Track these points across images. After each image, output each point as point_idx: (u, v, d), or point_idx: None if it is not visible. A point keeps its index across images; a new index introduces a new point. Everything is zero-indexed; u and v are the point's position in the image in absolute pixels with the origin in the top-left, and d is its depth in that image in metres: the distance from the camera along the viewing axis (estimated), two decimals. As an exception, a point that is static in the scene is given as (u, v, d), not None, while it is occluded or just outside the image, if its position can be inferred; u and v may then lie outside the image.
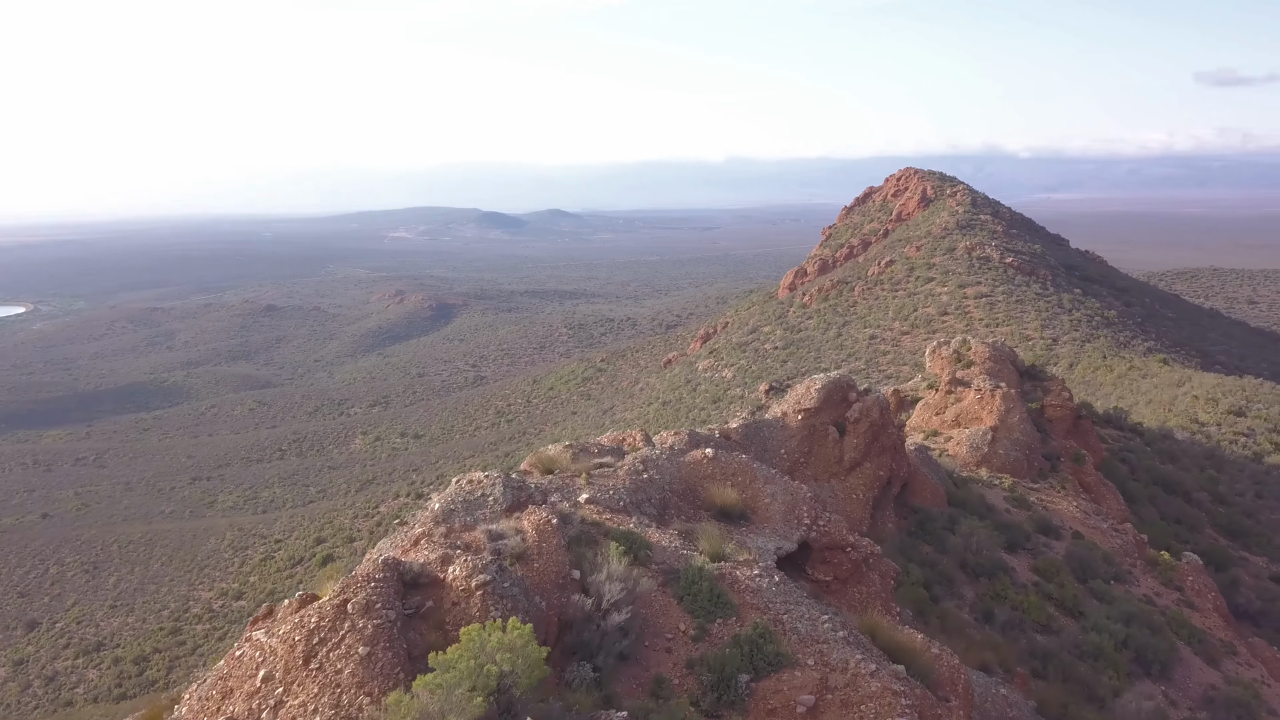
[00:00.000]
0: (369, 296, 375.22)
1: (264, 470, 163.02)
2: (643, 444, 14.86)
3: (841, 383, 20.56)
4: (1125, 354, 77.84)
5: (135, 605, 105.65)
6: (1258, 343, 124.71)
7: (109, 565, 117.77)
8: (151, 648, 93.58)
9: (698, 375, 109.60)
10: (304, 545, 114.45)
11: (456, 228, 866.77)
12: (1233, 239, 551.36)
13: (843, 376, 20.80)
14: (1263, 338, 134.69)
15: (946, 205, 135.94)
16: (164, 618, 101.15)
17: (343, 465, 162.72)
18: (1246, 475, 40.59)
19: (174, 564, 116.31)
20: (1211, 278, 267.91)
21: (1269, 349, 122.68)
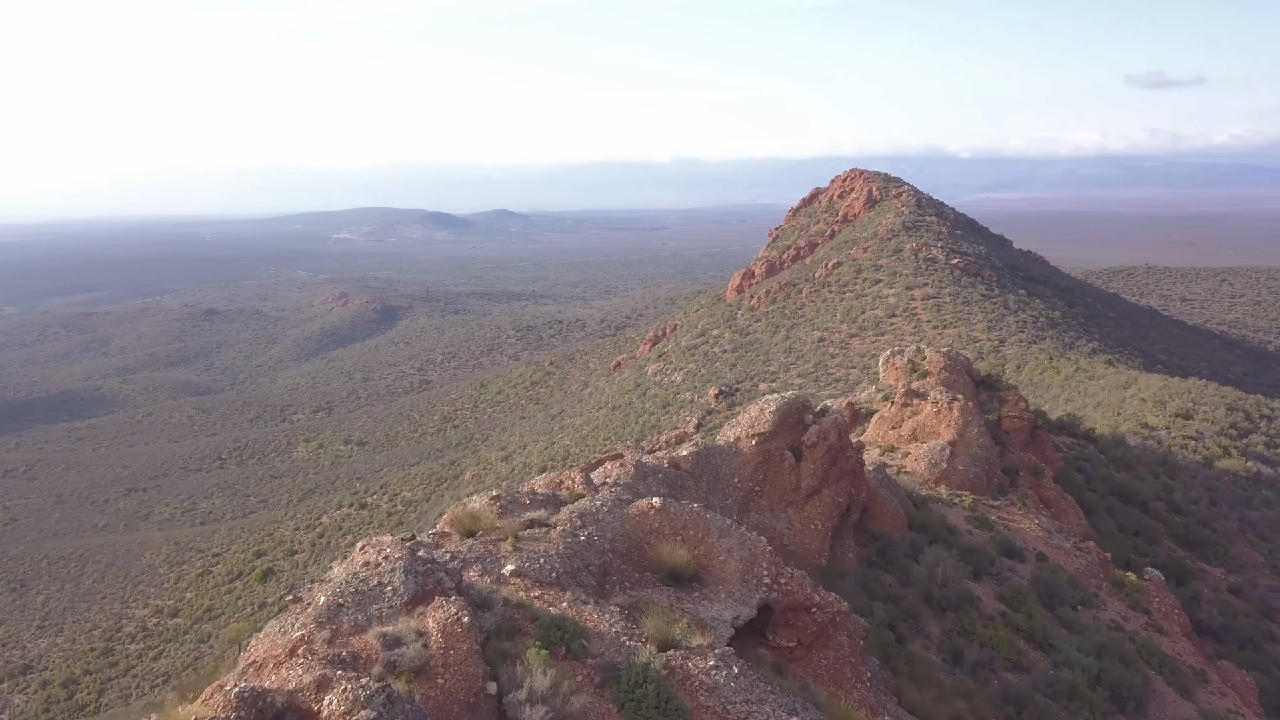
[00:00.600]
0: (313, 299, 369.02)
1: (203, 480, 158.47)
2: (582, 486, 13.37)
3: (797, 404, 19.31)
4: (1071, 355, 78.27)
5: (65, 625, 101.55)
6: (1194, 340, 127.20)
7: (37, 583, 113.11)
8: (82, 669, 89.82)
9: (647, 379, 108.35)
10: (243, 559, 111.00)
11: (402, 229, 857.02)
12: (1164, 237, 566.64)
13: (798, 397, 19.55)
14: (1199, 335, 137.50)
15: (892, 206, 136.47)
16: (95, 638, 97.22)
17: (284, 474, 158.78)
18: (1199, 481, 40.42)
19: (106, 580, 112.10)
20: (1146, 275, 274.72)
21: (1205, 346, 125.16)
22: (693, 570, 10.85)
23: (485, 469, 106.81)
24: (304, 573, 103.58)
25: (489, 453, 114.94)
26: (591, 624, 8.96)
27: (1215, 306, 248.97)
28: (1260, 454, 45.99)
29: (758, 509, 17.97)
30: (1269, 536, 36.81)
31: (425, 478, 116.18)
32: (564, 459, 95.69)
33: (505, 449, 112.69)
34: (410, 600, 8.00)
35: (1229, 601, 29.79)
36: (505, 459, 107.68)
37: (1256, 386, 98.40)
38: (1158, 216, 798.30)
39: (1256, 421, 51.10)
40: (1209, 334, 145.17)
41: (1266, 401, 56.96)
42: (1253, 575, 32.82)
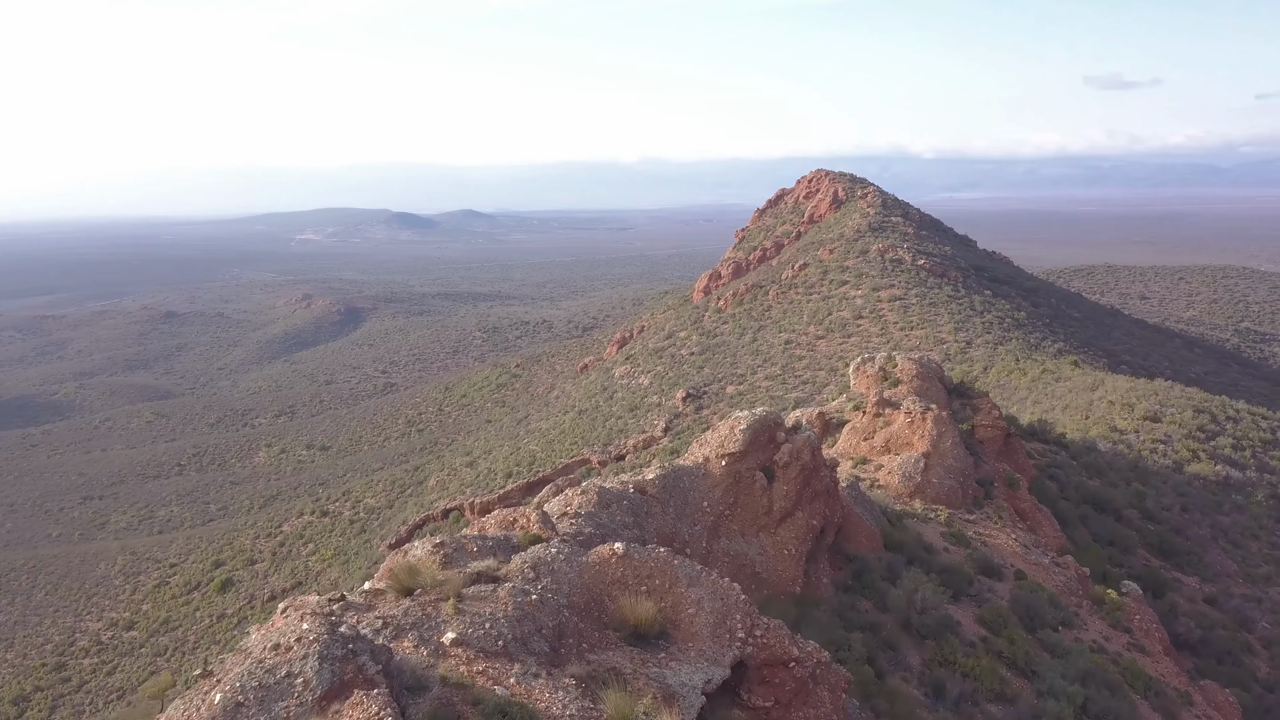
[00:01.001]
0: (275, 301, 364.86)
1: (161, 487, 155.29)
2: (538, 525, 12.27)
3: (768, 421, 18.36)
4: (1037, 356, 78.26)
5: (15, 640, 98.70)
6: (1156, 340, 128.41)
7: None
8: (33, 686, 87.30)
9: (614, 382, 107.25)
10: (201, 569, 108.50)
11: (366, 229, 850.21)
12: (1123, 236, 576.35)
13: (769, 414, 18.61)
14: (1160, 334, 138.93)
15: (858, 207, 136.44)
16: (47, 652, 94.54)
17: (245, 480, 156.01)
18: (1170, 487, 40.13)
19: (60, 593, 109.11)
20: (1106, 274, 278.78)
21: (1166, 345, 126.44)
22: (659, 626, 9.81)
23: (450, 475, 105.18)
24: (264, 583, 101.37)
25: (454, 458, 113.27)
26: (543, 704, 7.82)
27: (1173, 304, 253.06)
28: (1228, 457, 45.88)
29: (728, 534, 17.02)
30: (1241, 543, 36.55)
31: (389, 484, 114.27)
32: (530, 464, 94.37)
33: (470, 454, 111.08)
34: (324, 695, 6.83)
35: (1205, 613, 29.35)
36: (470, 464, 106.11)
37: (1218, 386, 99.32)
38: (1116, 216, 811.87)
39: (1223, 423, 51.07)
40: (1169, 332, 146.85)
41: (1231, 403, 57.06)
42: (1227, 584, 32.48)
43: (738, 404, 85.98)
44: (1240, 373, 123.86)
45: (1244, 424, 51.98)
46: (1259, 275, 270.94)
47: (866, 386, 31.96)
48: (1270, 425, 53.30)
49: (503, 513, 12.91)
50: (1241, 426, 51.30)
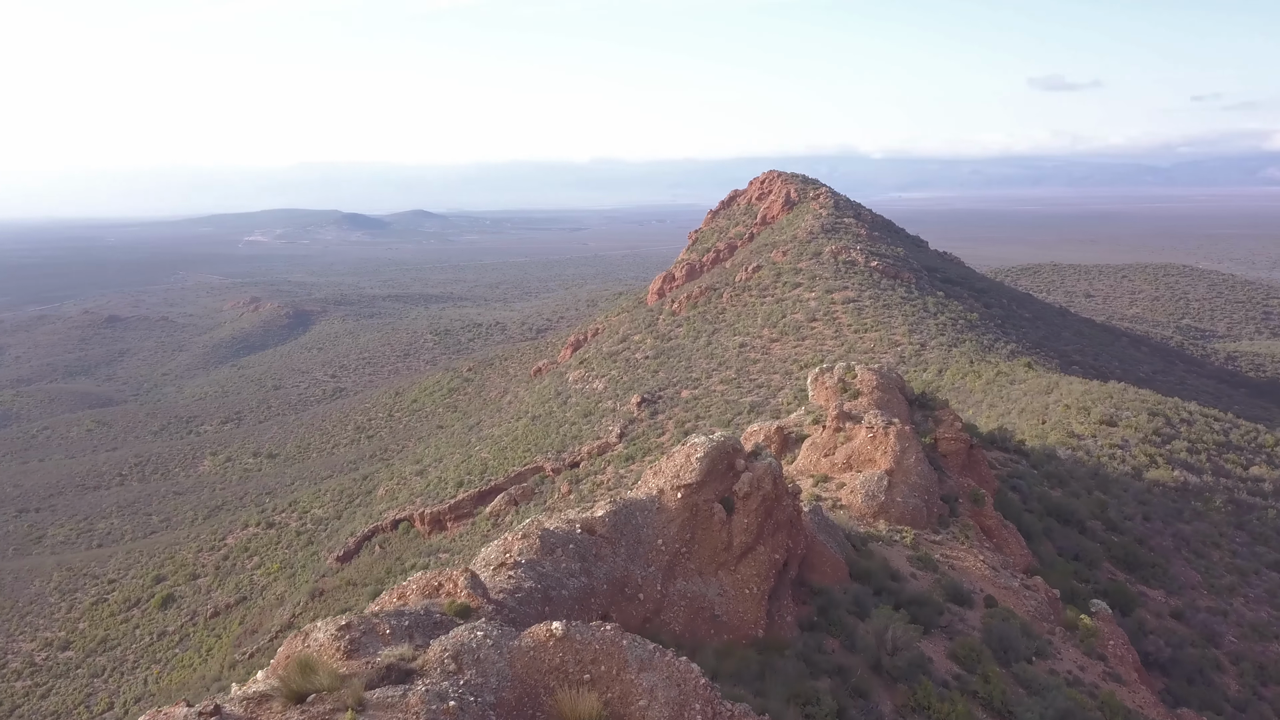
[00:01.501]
0: (222, 304, 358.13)
1: (101, 498, 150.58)
2: (467, 591, 10.71)
3: (727, 448, 17.04)
4: (991, 358, 78.20)
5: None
6: (1104, 339, 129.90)
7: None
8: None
9: (568, 387, 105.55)
10: (142, 585, 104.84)
11: (316, 230, 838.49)
12: (1065, 235, 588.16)
13: (727, 440, 17.29)
14: (1107, 333, 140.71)
15: (810, 208, 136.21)
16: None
17: (189, 490, 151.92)
18: (1131, 495, 39.69)
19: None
20: (1052, 273, 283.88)
21: (1114, 344, 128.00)
22: (606, 725, 8.47)
23: (399, 484, 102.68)
24: (207, 599, 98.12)
25: (403, 466, 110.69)
26: None
27: (1117, 302, 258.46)
28: (1184, 461, 45.71)
29: (685, 574, 15.67)
30: (1202, 552, 36.16)
31: (336, 493, 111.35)
32: (482, 472, 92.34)
33: (420, 462, 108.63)
34: None
35: (1173, 629, 28.72)
36: (420, 473, 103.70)
37: (1167, 385, 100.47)
38: (1059, 215, 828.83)
39: (1177, 426, 51.03)
40: (1116, 331, 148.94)
41: (1183, 405, 57.17)
42: (1192, 597, 31.96)
43: (693, 409, 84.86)
44: (1186, 370, 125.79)
45: (1198, 426, 51.98)
46: (1198, 273, 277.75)
47: (826, 399, 30.84)
48: (1223, 427, 53.42)
49: (426, 577, 11.38)
50: (1195, 429, 51.26)
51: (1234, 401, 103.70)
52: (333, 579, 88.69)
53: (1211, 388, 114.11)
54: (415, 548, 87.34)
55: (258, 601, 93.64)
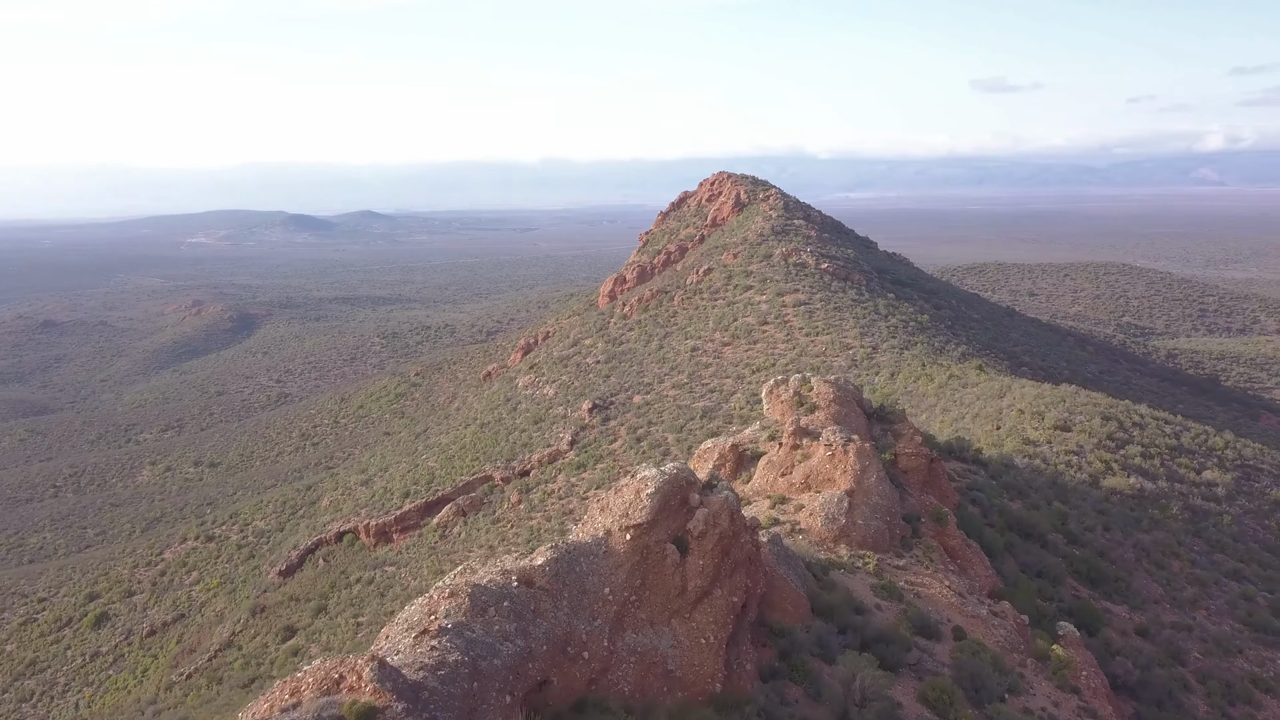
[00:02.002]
0: (164, 308, 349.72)
1: (33, 512, 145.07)
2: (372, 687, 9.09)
3: (679, 482, 15.62)
4: (943, 361, 77.96)
5: None
6: (1051, 339, 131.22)
7: None
8: (-123, 743, 79.40)
9: (518, 393, 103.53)
10: (74, 603, 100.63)
11: (261, 231, 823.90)
12: (1008, 234, 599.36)
13: (680, 473, 15.87)
14: (1053, 333, 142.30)
15: (760, 210, 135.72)
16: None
17: (127, 501, 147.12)
18: (1090, 504, 39.15)
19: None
20: (997, 272, 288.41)
21: (1060, 345, 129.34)
22: None
23: (344, 494, 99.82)
24: (143, 617, 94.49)
25: (348, 476, 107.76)
26: None
27: (1060, 300, 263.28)
28: (1139, 467, 45.43)
29: (635, 625, 14.23)
30: (1163, 563, 35.71)
31: (279, 504, 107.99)
32: (429, 482, 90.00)
33: (366, 471, 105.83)
34: None
35: (1139, 648, 28.02)
36: (365, 483, 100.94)
37: (1113, 385, 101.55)
38: (1002, 214, 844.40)
39: (1130, 430, 50.85)
40: (1062, 331, 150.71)
41: (1134, 408, 57.16)
42: (1156, 612, 31.36)
43: (645, 414, 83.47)
44: (1130, 369, 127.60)
45: (1150, 430, 51.88)
46: (1137, 271, 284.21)
47: (781, 413, 29.60)
48: (1174, 430, 53.42)
49: (324, 668, 9.75)
50: (1148, 433, 51.14)
51: (1178, 400, 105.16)
52: (274, 595, 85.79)
53: (1155, 386, 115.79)
54: (360, 561, 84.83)
55: (196, 619, 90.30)
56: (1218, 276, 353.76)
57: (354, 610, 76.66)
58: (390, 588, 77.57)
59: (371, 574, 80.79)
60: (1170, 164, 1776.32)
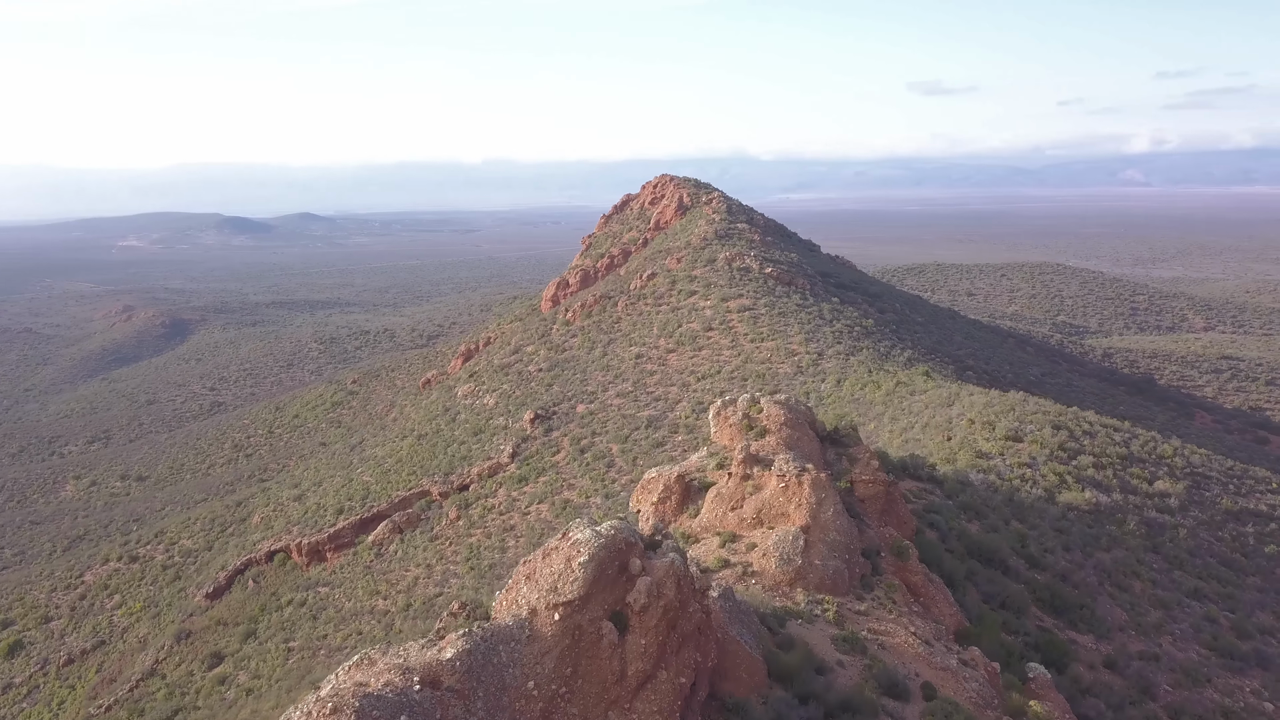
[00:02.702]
0: (93, 314, 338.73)
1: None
2: None
3: (617, 545, 13.46)
4: (889, 367, 76.97)
5: None
6: (992, 341, 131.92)
7: None
8: None
9: (457, 403, 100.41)
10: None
11: (195, 234, 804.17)
12: (945, 234, 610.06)
13: (618, 534, 13.70)
14: (995, 334, 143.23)
15: (703, 213, 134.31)
16: None
17: (49, 519, 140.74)
18: (1048, 523, 37.90)
19: None
20: (936, 272, 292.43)
21: (1002, 346, 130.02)
22: None
23: (275, 510, 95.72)
24: (60, 644, 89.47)
25: (280, 490, 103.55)
26: None
27: (997, 300, 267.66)
28: (1093, 479, 44.46)
29: (565, 719, 12.06)
30: (1125, 584, 34.56)
31: (207, 522, 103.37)
32: (363, 497, 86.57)
33: (299, 486, 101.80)
34: None
35: (1109, 684, 26.65)
36: (298, 498, 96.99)
37: (1056, 388, 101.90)
38: (939, 215, 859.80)
39: (1080, 439, 49.98)
40: (1002, 332, 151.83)
41: (1083, 415, 56.48)
42: (1122, 640, 30.09)
43: (589, 424, 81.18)
44: (1070, 370, 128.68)
45: (1100, 439, 51.08)
46: (1070, 271, 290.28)
47: (730, 438, 27.64)
48: (1123, 438, 52.75)
49: None
50: (1098, 441, 50.32)
51: (1118, 401, 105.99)
52: (201, 619, 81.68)
53: (1095, 387, 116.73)
54: (292, 581, 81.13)
55: (117, 646, 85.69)
56: (1146, 275, 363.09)
57: (285, 635, 73.12)
58: (324, 610, 74.18)
59: (304, 595, 77.25)
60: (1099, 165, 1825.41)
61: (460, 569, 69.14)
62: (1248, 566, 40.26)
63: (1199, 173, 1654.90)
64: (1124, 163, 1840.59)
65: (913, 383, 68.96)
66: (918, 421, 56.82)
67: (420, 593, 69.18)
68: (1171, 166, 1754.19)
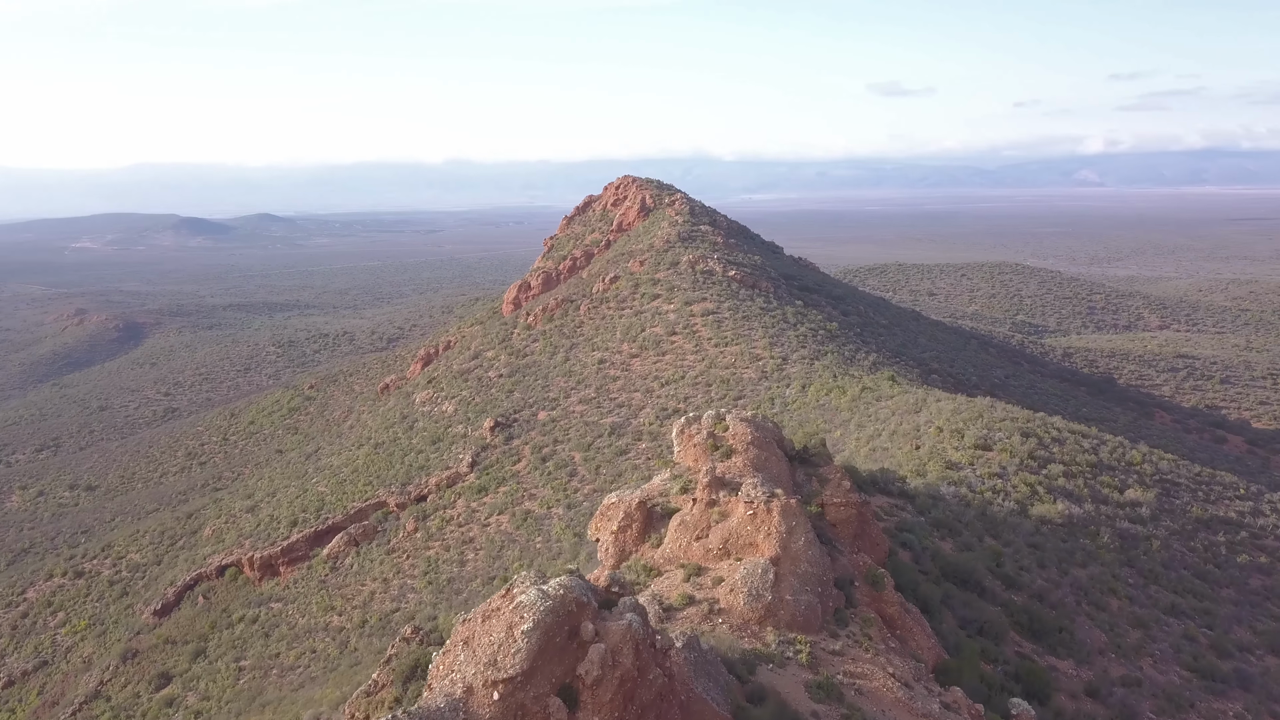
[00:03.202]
0: (44, 317, 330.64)
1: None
2: None
3: (565, 608, 11.82)
4: (854, 371, 75.99)
5: None
6: (956, 342, 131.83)
7: None
8: None
9: (415, 410, 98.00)
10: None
11: (152, 236, 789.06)
12: (905, 234, 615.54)
13: (567, 595, 12.06)
14: (958, 336, 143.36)
15: (666, 215, 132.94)
16: None
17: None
18: (1021, 537, 36.79)
19: None
20: (898, 272, 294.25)
21: (965, 348, 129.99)
22: None
23: (227, 523, 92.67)
24: (0, 665, 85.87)
25: (233, 501, 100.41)
26: None
27: (958, 300, 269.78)
28: (1064, 489, 43.51)
29: (506, 817, 10.44)
30: (1102, 602, 33.52)
31: (157, 534, 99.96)
32: (318, 509, 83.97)
33: (252, 497, 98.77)
34: None
35: (1091, 713, 25.51)
36: (251, 509, 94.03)
37: (1020, 390, 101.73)
38: (898, 215, 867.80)
39: (1049, 447, 49.14)
40: (965, 333, 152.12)
41: (1050, 420, 55.68)
42: (1103, 665, 28.98)
43: (551, 432, 79.37)
44: (1032, 371, 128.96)
45: (1069, 446, 50.27)
46: (1029, 270, 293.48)
47: (694, 459, 26.11)
48: (1092, 444, 52.00)
49: None
50: (1067, 449, 49.50)
51: (1081, 403, 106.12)
52: (148, 637, 78.69)
53: (1058, 389, 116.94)
54: (244, 597, 78.41)
55: (61, 666, 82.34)
56: (1102, 274, 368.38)
57: (236, 653, 70.52)
58: (276, 627, 71.67)
59: (256, 612, 74.64)
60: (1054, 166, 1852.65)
61: (418, 583, 67.08)
62: (1221, 578, 39.51)
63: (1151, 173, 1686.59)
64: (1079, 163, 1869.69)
65: (878, 388, 68.00)
66: (885, 429, 55.77)
67: (376, 608, 67.03)
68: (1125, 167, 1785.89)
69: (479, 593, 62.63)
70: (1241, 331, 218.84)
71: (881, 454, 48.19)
